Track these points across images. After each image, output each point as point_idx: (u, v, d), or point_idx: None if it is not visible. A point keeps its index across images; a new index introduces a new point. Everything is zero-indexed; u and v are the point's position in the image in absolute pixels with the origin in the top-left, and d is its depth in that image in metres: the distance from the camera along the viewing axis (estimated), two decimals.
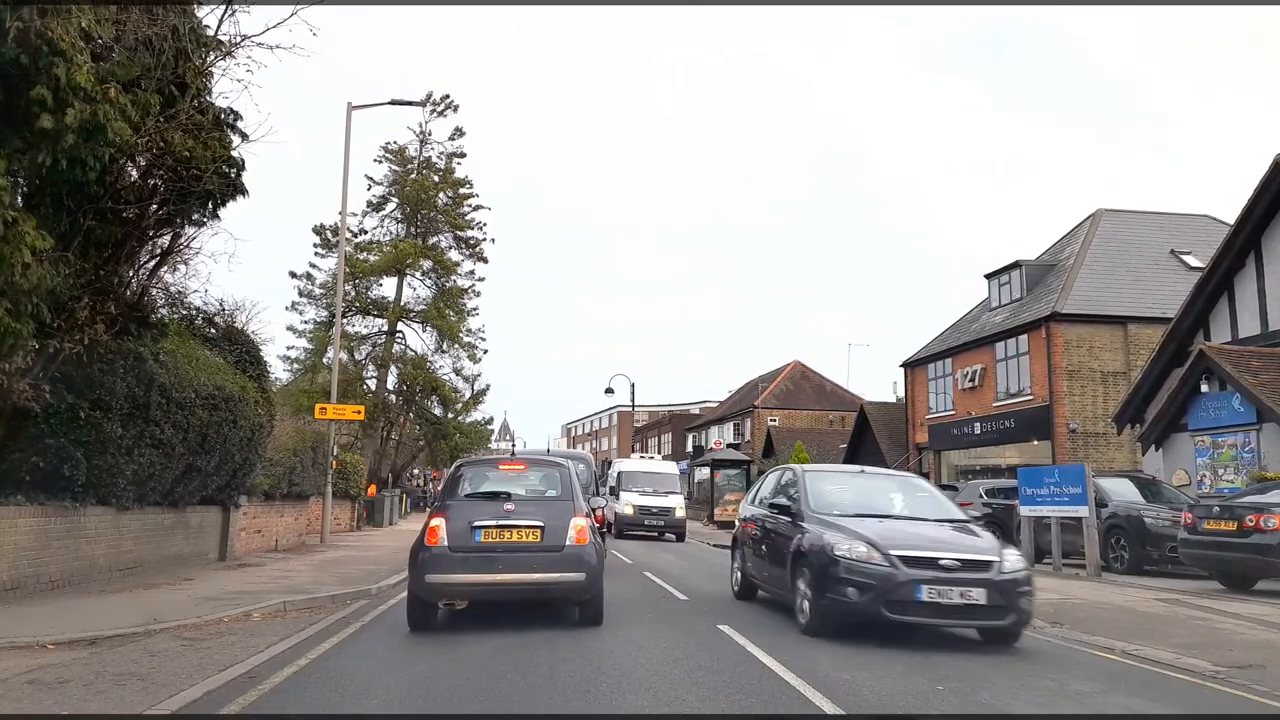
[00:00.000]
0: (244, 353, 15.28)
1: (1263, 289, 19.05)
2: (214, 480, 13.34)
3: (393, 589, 11.19)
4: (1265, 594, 12.02)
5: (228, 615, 8.56)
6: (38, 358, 8.80)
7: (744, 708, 5.46)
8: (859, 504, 8.89)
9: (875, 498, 9.24)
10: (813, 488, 9.22)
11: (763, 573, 9.79)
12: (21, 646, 6.74)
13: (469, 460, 10.99)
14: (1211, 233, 27.59)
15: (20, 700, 5.32)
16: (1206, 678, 6.78)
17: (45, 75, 7.08)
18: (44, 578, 9.53)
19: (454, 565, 7.76)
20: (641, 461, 31.14)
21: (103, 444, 10.09)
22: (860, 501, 9.00)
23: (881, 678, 6.32)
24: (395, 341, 35.77)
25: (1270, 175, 18.49)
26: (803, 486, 9.25)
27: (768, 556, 9.50)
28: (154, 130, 8.79)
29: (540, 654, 6.86)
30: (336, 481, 20.75)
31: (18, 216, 7.30)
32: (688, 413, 74.99)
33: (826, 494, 9.16)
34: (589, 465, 19.86)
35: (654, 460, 33.14)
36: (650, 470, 28.68)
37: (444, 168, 36.59)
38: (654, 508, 25.97)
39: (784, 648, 7.31)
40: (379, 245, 35.86)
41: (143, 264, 10.69)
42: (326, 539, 19.38)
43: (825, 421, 51.08)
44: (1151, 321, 25.73)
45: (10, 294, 7.50)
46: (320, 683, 5.92)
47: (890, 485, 9.84)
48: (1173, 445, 19.91)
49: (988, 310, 31.94)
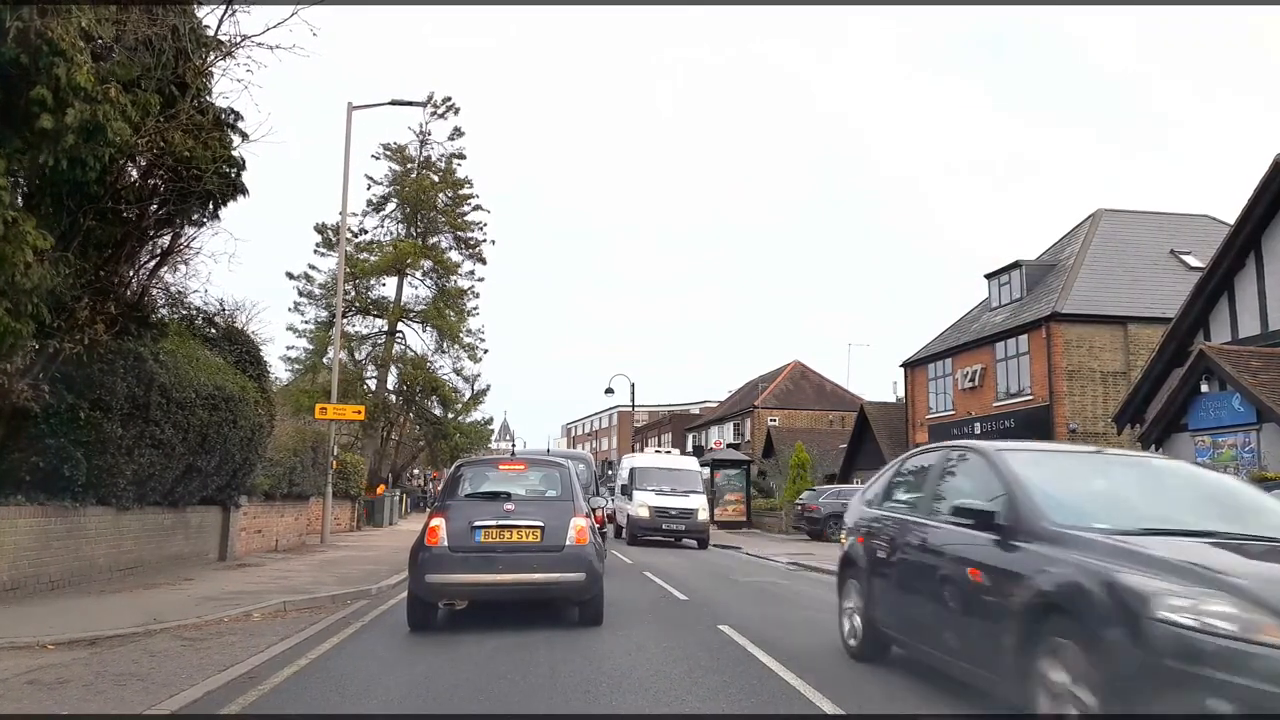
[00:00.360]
0: (244, 353, 15.29)
1: (1263, 289, 19.03)
2: (214, 480, 13.34)
3: (393, 589, 11.19)
4: None
5: (228, 615, 8.56)
6: (38, 358, 8.80)
7: (744, 708, 5.46)
8: (1139, 512, 4.99)
9: (1162, 500, 5.37)
10: (1034, 480, 5.23)
11: (921, 624, 5.85)
12: (21, 646, 6.74)
13: (469, 460, 11.00)
14: (1211, 233, 27.58)
15: (20, 700, 5.32)
16: None
17: (45, 75, 7.09)
18: (44, 578, 9.53)
19: (454, 565, 7.77)
20: (658, 456, 27.38)
21: (103, 444, 10.09)
22: (1138, 508, 5.11)
23: (881, 677, 6.31)
24: (395, 341, 35.79)
25: (1270, 175, 18.48)
26: (1008, 476, 5.32)
27: (940, 600, 5.51)
28: (154, 130, 8.79)
29: (540, 654, 6.86)
30: (336, 481, 20.75)
31: (18, 216, 7.30)
32: (688, 413, 75.02)
33: (1069, 493, 5.19)
34: (589, 465, 19.74)
35: (672, 455, 29.03)
36: (668, 466, 25.33)
37: (444, 168, 36.62)
38: (673, 509, 22.79)
39: (784, 648, 7.31)
40: (379, 245, 35.88)
41: (143, 264, 10.70)
42: (326, 539, 19.38)
43: (825, 421, 51.07)
44: (1151, 321, 25.72)
45: (10, 294, 7.50)
46: (320, 683, 5.92)
47: (1171, 477, 5.90)
48: (1173, 445, 19.89)
49: (988, 310, 31.94)
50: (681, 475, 24.80)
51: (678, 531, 22.75)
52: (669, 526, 22.68)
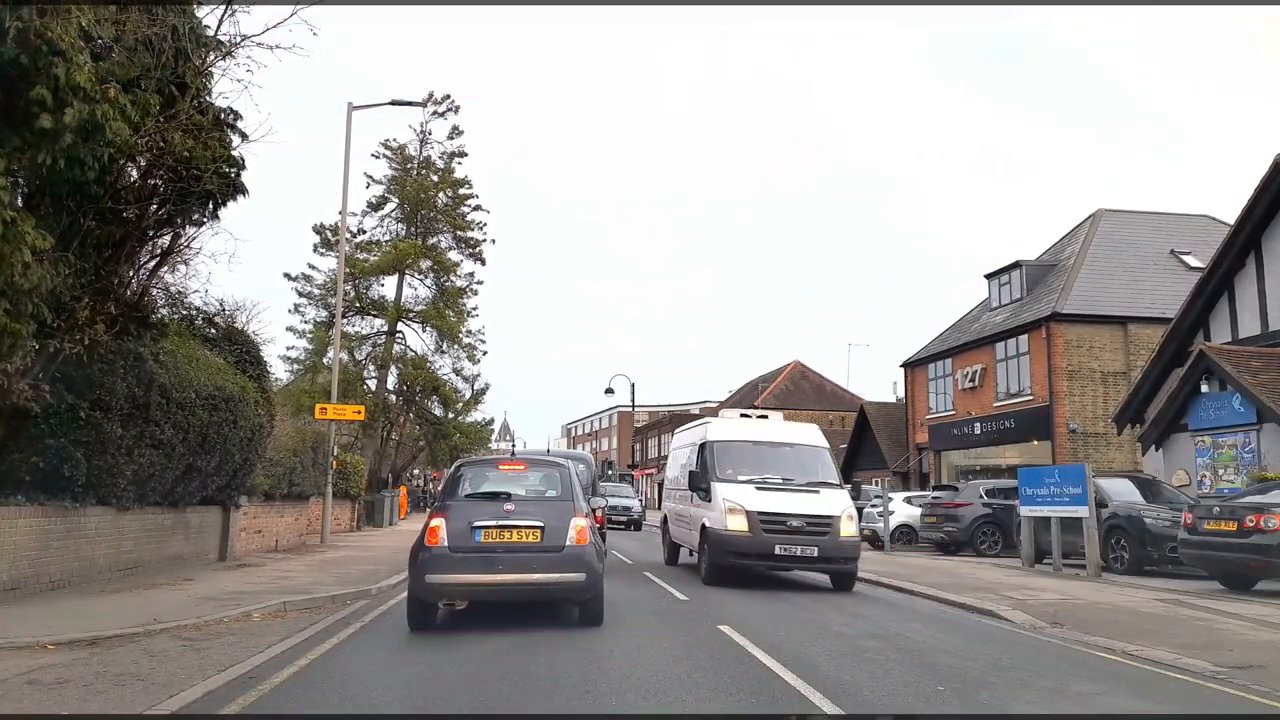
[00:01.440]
0: (244, 353, 15.28)
1: (1263, 289, 19.04)
2: (214, 480, 13.34)
3: (393, 589, 11.19)
4: (1266, 594, 12.01)
5: (228, 615, 8.55)
6: (38, 358, 8.80)
7: (744, 708, 5.46)
8: None
9: None
10: None
11: None
12: (21, 646, 6.74)
13: (469, 460, 10.99)
14: (1211, 233, 27.60)
15: (20, 700, 5.31)
16: (1207, 678, 6.77)
17: (45, 75, 7.07)
18: (44, 578, 9.52)
19: (454, 565, 7.76)
20: (754, 425, 14.92)
21: (103, 444, 10.08)
22: None
23: (882, 677, 6.31)
24: (395, 342, 35.75)
25: (1270, 175, 18.49)
26: None
27: None
28: (154, 130, 8.79)
29: (540, 654, 6.85)
30: (336, 482, 20.75)
31: (17, 216, 7.29)
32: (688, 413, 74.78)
33: None
34: (589, 465, 19.65)
35: (773, 421, 15.46)
36: (773, 440, 14.21)
37: (444, 168, 36.57)
38: (794, 517, 12.25)
39: (784, 648, 7.30)
40: (379, 245, 35.83)
41: (143, 264, 10.70)
42: (326, 539, 19.37)
43: (825, 421, 50.87)
44: (1151, 321, 25.74)
45: (10, 294, 7.50)
46: (320, 683, 5.92)
47: None
48: (1173, 445, 19.90)
49: (988, 310, 31.95)
50: (798, 455, 13.85)
51: (805, 558, 12.22)
52: (788, 549, 12.09)
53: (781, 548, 12.02)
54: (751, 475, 12.99)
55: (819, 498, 12.65)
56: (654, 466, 68.22)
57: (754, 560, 12.17)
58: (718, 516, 12.47)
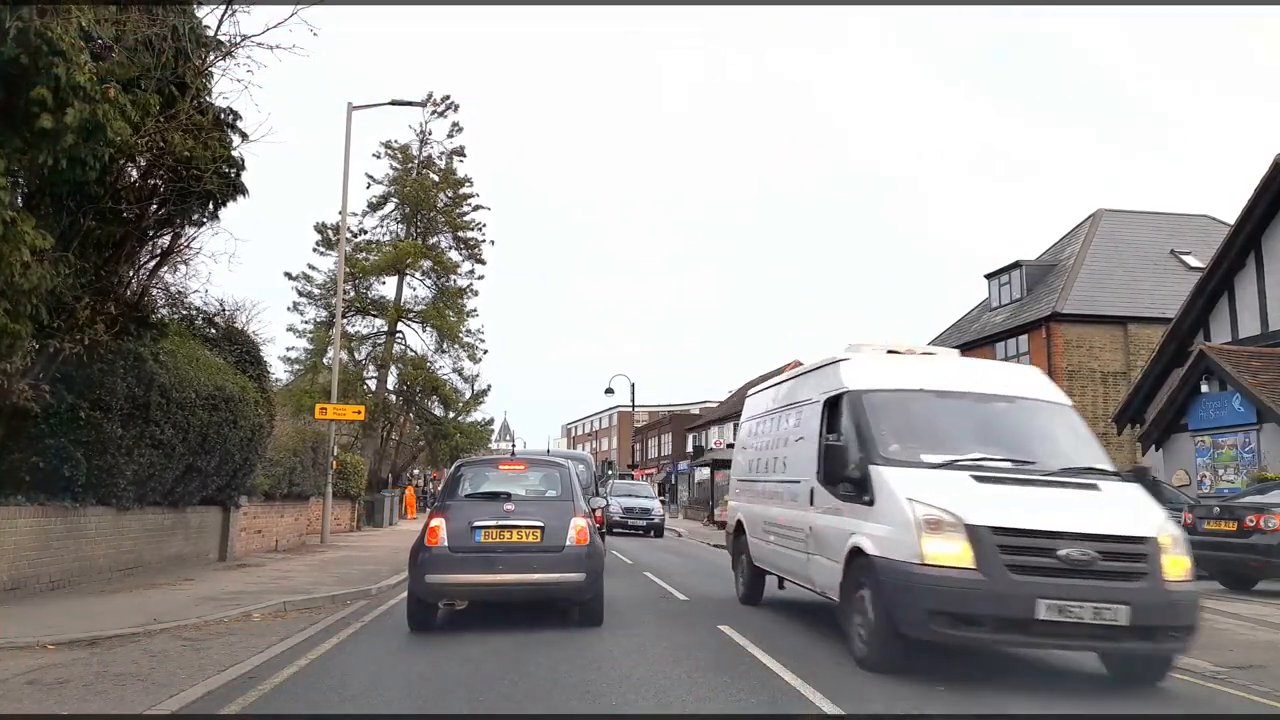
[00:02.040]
0: (244, 353, 15.28)
1: (1263, 289, 19.03)
2: (214, 480, 13.34)
3: (393, 589, 11.18)
4: (1265, 594, 12.01)
5: (228, 615, 8.55)
6: (38, 358, 8.80)
7: (744, 708, 5.46)
8: None
9: None
10: None
11: None
12: (21, 646, 6.74)
13: (469, 460, 10.99)
14: (1211, 233, 27.57)
15: (20, 700, 5.32)
16: (1206, 678, 6.77)
17: (45, 75, 7.08)
18: (44, 578, 9.52)
19: (454, 565, 7.76)
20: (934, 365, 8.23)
21: (103, 444, 10.08)
22: None
23: (881, 676, 6.30)
24: (395, 342, 35.74)
25: (1270, 175, 18.48)
26: None
27: None
28: (154, 130, 8.80)
29: (540, 654, 6.85)
30: (336, 482, 20.74)
31: (17, 216, 7.30)
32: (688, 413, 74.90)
33: None
34: (589, 466, 19.70)
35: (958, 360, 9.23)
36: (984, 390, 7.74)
37: (444, 167, 36.58)
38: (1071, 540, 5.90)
39: (785, 648, 7.30)
40: (379, 245, 35.82)
41: (143, 264, 10.71)
42: (326, 539, 19.37)
43: None
44: (1151, 321, 25.71)
45: (10, 294, 7.50)
46: (320, 683, 5.92)
47: None
48: (1173, 445, 19.89)
49: (988, 310, 31.93)
50: (1031, 418, 7.68)
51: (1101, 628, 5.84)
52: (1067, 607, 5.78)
53: (1051, 604, 5.79)
54: (952, 454, 6.86)
55: (1102, 499, 6.55)
56: (654, 467, 68.27)
57: (992, 632, 6.01)
58: (897, 535, 6.31)
